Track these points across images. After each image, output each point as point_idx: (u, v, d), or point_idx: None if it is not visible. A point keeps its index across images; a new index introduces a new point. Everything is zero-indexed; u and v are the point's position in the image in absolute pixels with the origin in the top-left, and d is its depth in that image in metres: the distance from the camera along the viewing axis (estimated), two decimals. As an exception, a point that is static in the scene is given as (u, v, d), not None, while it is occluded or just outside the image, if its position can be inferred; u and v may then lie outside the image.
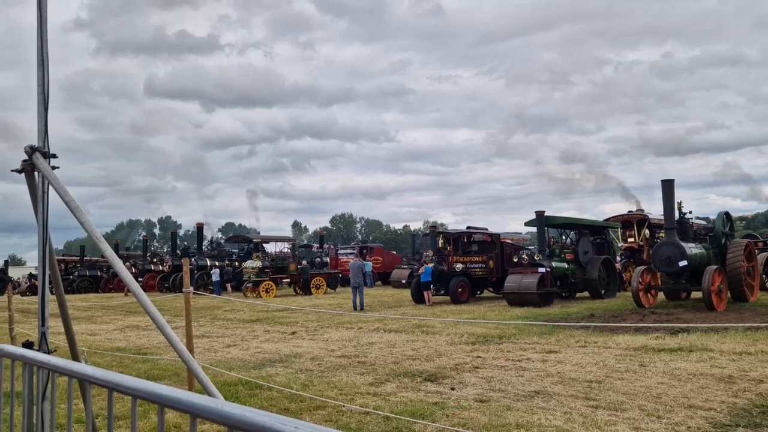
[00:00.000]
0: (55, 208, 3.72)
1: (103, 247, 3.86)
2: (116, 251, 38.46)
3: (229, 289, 30.57)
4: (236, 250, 37.61)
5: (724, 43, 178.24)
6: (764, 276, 20.54)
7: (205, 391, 3.72)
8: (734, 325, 10.95)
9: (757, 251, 19.63)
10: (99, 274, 40.89)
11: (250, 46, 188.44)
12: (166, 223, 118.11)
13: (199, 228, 36.69)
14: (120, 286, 34.21)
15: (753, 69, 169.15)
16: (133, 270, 36.24)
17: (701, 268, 16.08)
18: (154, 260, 36.72)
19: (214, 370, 8.56)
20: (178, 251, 36.83)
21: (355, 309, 19.60)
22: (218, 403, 1.34)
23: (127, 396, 1.67)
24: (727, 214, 18.98)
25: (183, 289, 8.41)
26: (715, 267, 15.94)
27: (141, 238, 50.73)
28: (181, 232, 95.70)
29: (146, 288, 33.22)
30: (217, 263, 33.16)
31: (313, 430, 1.08)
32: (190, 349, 7.71)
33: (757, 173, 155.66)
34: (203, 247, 36.62)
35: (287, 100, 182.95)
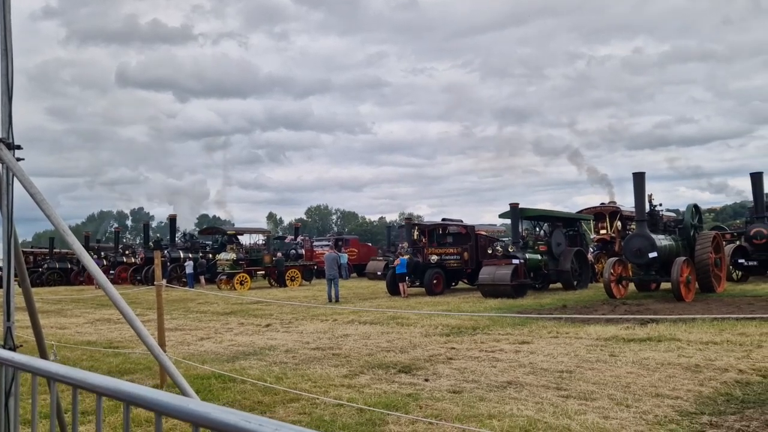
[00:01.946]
0: (23, 199, 3.64)
1: (70, 239, 3.79)
2: (86, 243, 37.86)
3: (203, 281, 30.29)
4: (210, 242, 37.25)
5: (692, 39, 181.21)
6: (731, 267, 21.02)
7: (175, 385, 3.69)
8: (701, 315, 11.20)
9: (724, 243, 20.07)
10: (69, 266, 40.15)
11: (224, 36, 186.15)
12: (139, 214, 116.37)
13: (172, 220, 36.25)
14: (91, 279, 33.67)
15: (721, 65, 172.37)
16: (105, 262, 35.68)
17: (670, 259, 16.40)
18: (126, 252, 36.18)
19: (186, 364, 8.49)
20: (150, 243, 36.34)
21: (330, 301, 19.58)
22: (183, 400, 1.32)
23: (92, 393, 1.64)
24: (695, 206, 19.34)
25: (155, 282, 8.31)
26: (683, 258, 16.26)
27: (112, 229, 49.90)
28: (154, 224, 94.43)
29: (118, 281, 32.77)
30: (190, 255, 32.81)
31: (279, 427, 1.07)
32: (162, 343, 7.64)
33: (725, 167, 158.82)
34: (176, 239, 36.19)
35: (262, 91, 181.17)
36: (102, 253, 38.67)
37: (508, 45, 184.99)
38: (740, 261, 21.58)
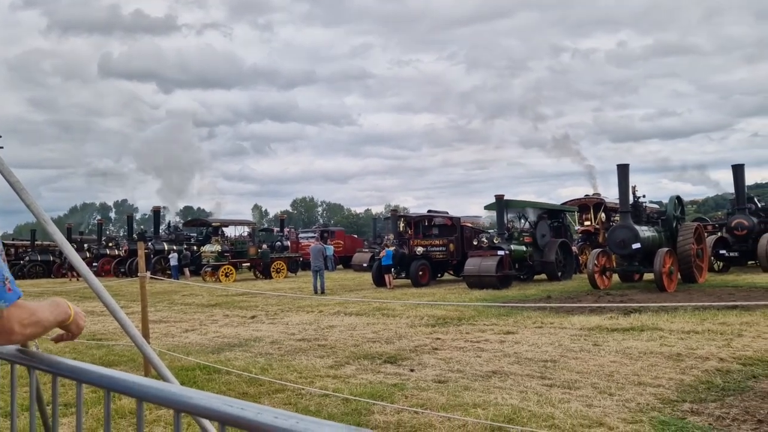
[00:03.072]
0: (4, 191, 3.58)
1: (51, 230, 3.74)
2: (69, 235, 37.43)
3: (188, 273, 30.12)
4: (195, 234, 37.01)
5: (675, 32, 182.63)
6: (712, 258, 21.28)
7: (159, 376, 3.66)
8: (683, 304, 11.33)
9: (706, 234, 20.31)
10: (51, 258, 39.71)
11: (208, 26, 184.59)
12: (122, 206, 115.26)
13: (156, 212, 35.98)
14: (75, 271, 33.32)
15: (703, 58, 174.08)
16: (88, 254, 35.31)
17: (653, 250, 16.56)
18: (110, 244, 35.85)
19: (171, 356, 8.44)
20: (134, 235, 36.04)
21: (315, 293, 19.56)
22: (164, 386, 1.31)
23: (72, 381, 1.62)
24: (678, 198, 19.53)
25: (138, 274, 8.25)
26: (666, 249, 16.43)
27: (96, 221, 49.43)
28: (138, 216, 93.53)
29: (102, 273, 32.47)
30: (175, 247, 32.58)
31: (261, 411, 1.06)
32: (146, 335, 7.59)
33: (707, 159, 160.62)
34: (161, 231, 35.92)
35: (247, 82, 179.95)
36: (85, 246, 38.27)
37: (493, 37, 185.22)
38: (721, 252, 21.87)
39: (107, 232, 65.86)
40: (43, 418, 2.28)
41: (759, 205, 23.99)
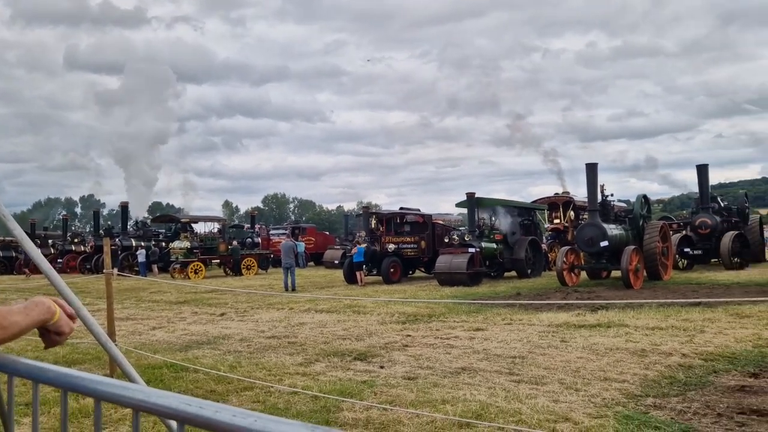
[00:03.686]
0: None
1: (11, 225, 3.65)
2: (32, 231, 36.55)
3: (156, 270, 29.67)
4: (163, 231, 36.46)
5: (643, 34, 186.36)
6: (677, 256, 21.75)
7: (124, 374, 3.60)
8: (649, 301, 11.55)
9: (671, 232, 20.74)
10: (14, 254, 38.74)
11: (179, 20, 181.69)
12: (89, 201, 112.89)
13: (124, 207, 35.33)
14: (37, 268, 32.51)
15: (669, 60, 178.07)
16: (53, 251, 34.57)
17: (621, 248, 16.86)
18: (75, 240, 35.10)
19: (137, 354, 8.31)
20: (101, 231, 35.35)
21: (286, 290, 19.44)
22: (122, 385, 1.28)
23: (28, 380, 1.58)
24: (645, 197, 19.90)
25: (104, 270, 8.09)
26: (633, 247, 16.74)
27: (61, 217, 48.37)
28: (105, 212, 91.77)
29: (67, 269, 31.80)
30: (143, 244, 32.06)
31: (219, 410, 1.05)
32: (112, 333, 7.45)
33: (673, 159, 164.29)
34: (128, 227, 35.31)
35: (218, 77, 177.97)
36: (50, 241, 37.43)
37: (465, 36, 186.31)
38: (686, 250, 22.37)
39: (73, 228, 64.56)
40: (2, 419, 2.22)
41: (722, 205, 24.61)
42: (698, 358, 7.22)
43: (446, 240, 20.72)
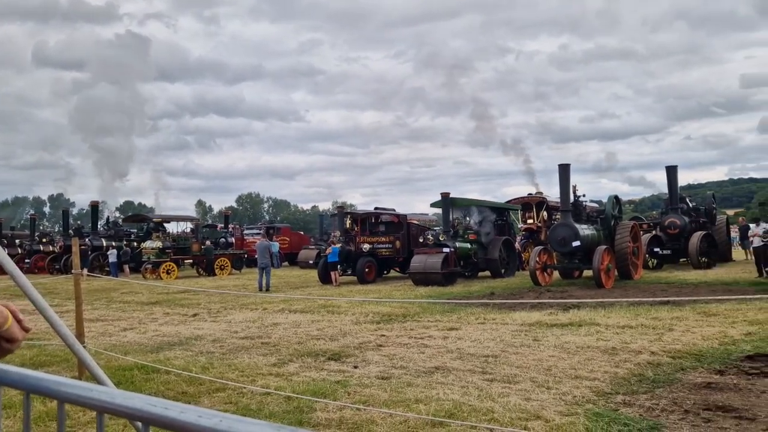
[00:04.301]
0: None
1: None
2: (-1, 231, 35.68)
3: (127, 270, 29.21)
4: (135, 230, 35.91)
5: (615, 38, 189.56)
6: (647, 255, 22.13)
7: (92, 376, 3.53)
8: (619, 300, 11.74)
9: (641, 232, 21.10)
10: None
11: (151, 17, 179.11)
12: (58, 201, 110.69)
13: (94, 206, 34.70)
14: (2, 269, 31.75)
15: (641, 63, 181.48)
16: (20, 250, 33.80)
17: (592, 248, 17.09)
18: (44, 240, 34.38)
19: (107, 355, 8.18)
20: (70, 231, 34.67)
21: (260, 290, 19.31)
22: (86, 386, 1.26)
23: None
24: (616, 197, 20.20)
25: (73, 270, 7.95)
26: (604, 247, 16.98)
27: (28, 216, 47.33)
28: (75, 211, 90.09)
29: (35, 270, 31.13)
30: (114, 243, 31.53)
31: (185, 410, 1.04)
32: (81, 334, 7.32)
33: (643, 160, 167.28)
34: (99, 227, 34.69)
35: (192, 75, 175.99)
36: (17, 241, 36.59)
37: (440, 37, 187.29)
38: (655, 250, 22.78)
39: (41, 228, 63.21)
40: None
41: (690, 205, 25.11)
42: (666, 355, 7.36)
43: (421, 240, 20.78)
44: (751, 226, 20.93)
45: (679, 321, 9.84)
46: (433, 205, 23.58)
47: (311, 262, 29.86)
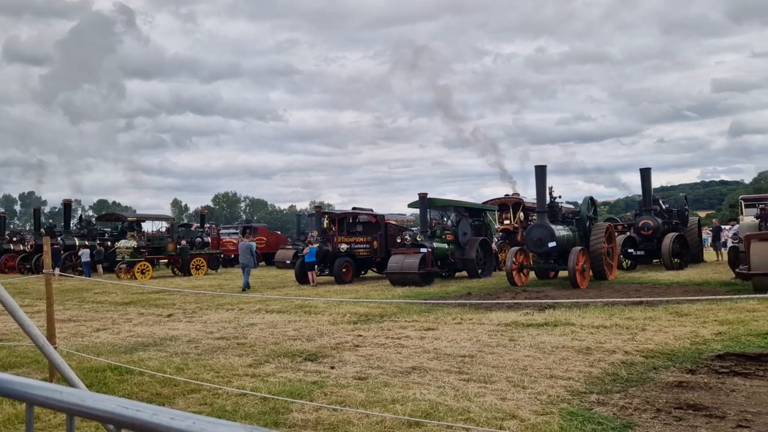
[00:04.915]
0: None
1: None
2: (-32, 229, 34.85)
3: (100, 270, 28.77)
4: (109, 229, 35.38)
5: (590, 41, 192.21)
6: (621, 256, 22.43)
7: (63, 378, 3.47)
8: (594, 300, 11.88)
9: (616, 233, 21.38)
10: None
11: (127, 14, 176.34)
12: (29, 199, 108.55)
13: (67, 205, 34.11)
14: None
15: (615, 67, 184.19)
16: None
17: (568, 248, 17.27)
18: (14, 239, 33.67)
19: (79, 356, 8.04)
20: (41, 229, 34.03)
21: (244, 289, 19.35)
22: (56, 389, 1.23)
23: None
24: (591, 199, 20.43)
25: (44, 270, 7.79)
26: (579, 248, 17.16)
27: (-1, 215, 46.27)
28: (47, 210, 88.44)
29: (5, 269, 30.49)
30: (87, 243, 31.03)
31: (157, 412, 1.02)
32: (52, 335, 7.18)
33: (618, 162, 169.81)
34: (72, 226, 34.13)
35: (168, 73, 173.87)
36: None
37: (418, 39, 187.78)
38: (630, 250, 23.09)
39: (11, 226, 61.98)
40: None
41: (664, 207, 25.51)
42: (639, 355, 7.47)
43: (398, 240, 20.79)
44: (725, 227, 21.35)
45: (652, 321, 9.99)
46: (410, 205, 23.63)
47: (288, 262, 29.71)
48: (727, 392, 5.80)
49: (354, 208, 25.73)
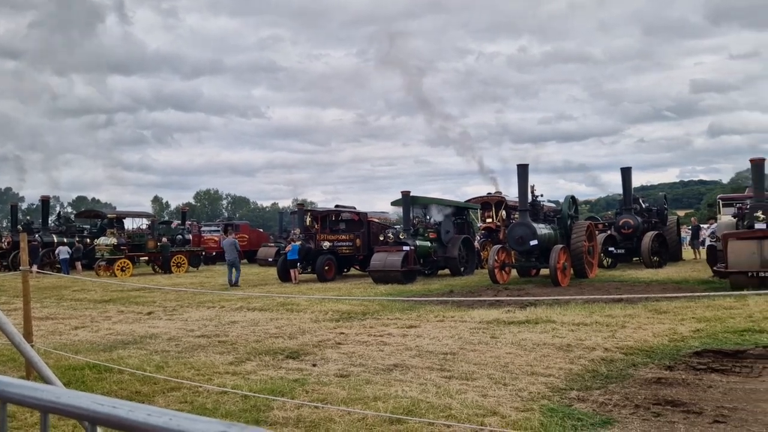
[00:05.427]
0: None
1: None
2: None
3: (79, 267, 28.43)
4: (88, 226, 34.96)
5: (572, 41, 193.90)
6: (602, 254, 22.65)
7: (40, 376, 3.43)
8: (575, 298, 11.98)
9: (597, 232, 21.58)
10: None
11: (107, 8, 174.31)
12: (6, 195, 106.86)
13: (45, 201, 33.64)
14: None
15: (597, 67, 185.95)
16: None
17: (549, 247, 17.39)
18: (-9, 236, 33.14)
19: (57, 354, 7.94)
20: (19, 226, 33.52)
21: (235, 285, 19.33)
22: (30, 385, 1.21)
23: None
24: (573, 197, 20.58)
25: (20, 267, 7.67)
26: (561, 246, 17.29)
27: (-25, 211, 45.55)
28: (24, 206, 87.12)
29: (-19, 267, 30.01)
30: (65, 240, 30.64)
31: (133, 409, 1.01)
32: (29, 333, 7.07)
33: (599, 162, 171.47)
34: (50, 222, 33.66)
35: (149, 68, 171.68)
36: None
37: (401, 37, 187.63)
38: (610, 249, 23.31)
39: (-12, 223, 60.92)
40: None
41: (643, 206, 25.79)
42: (619, 352, 7.54)
43: (381, 238, 20.79)
44: (703, 226, 21.61)
45: (631, 318, 10.10)
46: (393, 203, 23.61)
47: (270, 259, 29.59)
48: (704, 388, 5.88)
49: (337, 206, 25.69)
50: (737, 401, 5.42)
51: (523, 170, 17.65)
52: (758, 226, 13.98)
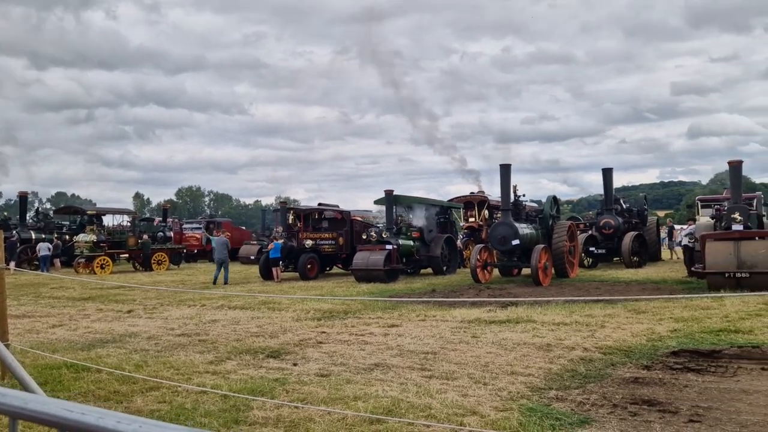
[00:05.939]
0: None
1: None
2: None
3: (58, 264, 28.07)
4: (67, 223, 34.52)
5: (555, 42, 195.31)
6: (583, 254, 22.85)
7: (14, 376, 3.38)
8: (555, 298, 12.08)
9: (578, 232, 21.77)
10: None
11: (90, 2, 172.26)
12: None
13: (23, 197, 33.17)
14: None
15: (579, 68, 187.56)
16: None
17: (531, 246, 17.51)
18: (-33, 232, 32.59)
19: (34, 353, 7.84)
20: (-4, 222, 33.00)
21: (225, 283, 19.21)
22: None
23: None
24: (555, 197, 20.74)
25: (-3, 265, 7.55)
26: (542, 246, 17.41)
27: (-49, 207, 44.75)
28: (1, 202, 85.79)
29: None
30: (44, 236, 30.22)
31: (103, 416, 1.00)
32: (4, 331, 6.97)
33: (581, 162, 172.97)
34: (28, 219, 33.18)
35: (131, 64, 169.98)
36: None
37: (386, 35, 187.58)
38: (591, 249, 23.54)
39: (-35, 219, 59.83)
40: None
41: (624, 206, 26.07)
42: (598, 351, 7.62)
43: (364, 237, 20.79)
44: (677, 227, 21.88)
45: (611, 318, 10.20)
46: (376, 202, 23.63)
47: (253, 257, 29.47)
48: (680, 388, 5.96)
49: (320, 204, 25.63)
50: (712, 401, 5.51)
51: (505, 170, 17.75)
52: (735, 227, 14.20)
